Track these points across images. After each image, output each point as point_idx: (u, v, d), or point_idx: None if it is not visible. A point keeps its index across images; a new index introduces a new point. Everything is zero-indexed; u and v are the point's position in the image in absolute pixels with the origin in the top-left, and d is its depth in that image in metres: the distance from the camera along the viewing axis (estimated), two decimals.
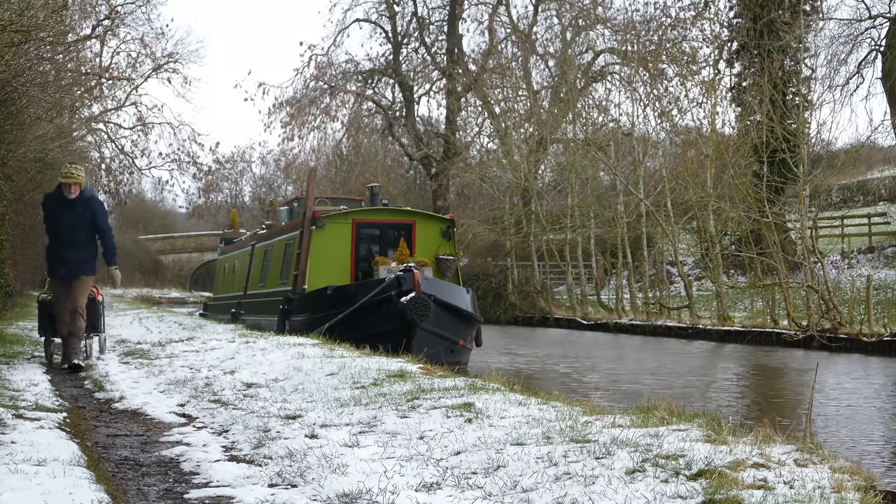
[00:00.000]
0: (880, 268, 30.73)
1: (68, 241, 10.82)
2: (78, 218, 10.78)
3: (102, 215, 11.01)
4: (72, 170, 10.92)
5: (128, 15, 37.55)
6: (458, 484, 4.41)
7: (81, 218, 10.79)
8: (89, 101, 33.64)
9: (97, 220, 10.87)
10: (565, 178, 36.55)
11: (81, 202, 10.79)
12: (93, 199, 10.98)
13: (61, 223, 10.81)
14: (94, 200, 10.98)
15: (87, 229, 10.84)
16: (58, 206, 10.87)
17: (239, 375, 9.27)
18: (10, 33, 10.94)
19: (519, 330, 31.89)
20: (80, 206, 10.77)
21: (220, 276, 30.72)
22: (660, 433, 4.93)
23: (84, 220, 10.78)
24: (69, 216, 10.78)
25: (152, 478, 4.91)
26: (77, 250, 10.83)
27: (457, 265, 18.98)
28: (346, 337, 14.11)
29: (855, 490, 3.91)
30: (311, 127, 44.96)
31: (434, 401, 6.57)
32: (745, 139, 26.87)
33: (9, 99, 13.19)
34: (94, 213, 10.87)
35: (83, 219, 10.79)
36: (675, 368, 16.87)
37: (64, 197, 10.79)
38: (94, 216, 10.85)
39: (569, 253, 35.75)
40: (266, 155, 69.67)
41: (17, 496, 4.05)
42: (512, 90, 40.55)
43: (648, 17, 34.70)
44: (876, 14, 30.75)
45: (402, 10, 46.10)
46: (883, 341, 18.66)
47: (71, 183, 10.77)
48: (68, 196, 10.73)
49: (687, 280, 28.81)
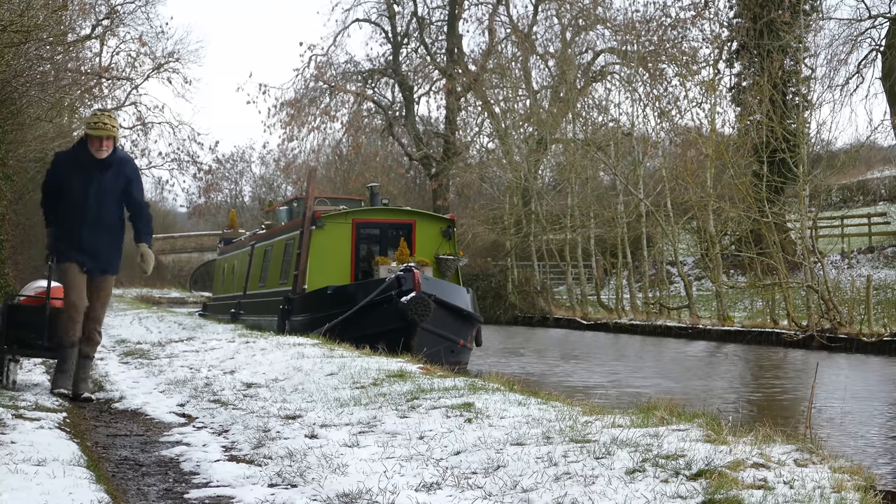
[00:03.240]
0: (880, 268, 30.73)
1: (91, 220, 7.82)
2: (107, 187, 7.83)
3: (139, 185, 8.10)
4: (103, 118, 7.81)
5: (127, 15, 37.53)
6: (458, 484, 4.41)
7: (112, 188, 7.85)
8: (89, 101, 33.59)
9: (132, 192, 7.94)
10: (565, 178, 36.55)
11: (113, 165, 7.85)
12: (127, 163, 8.05)
13: (83, 194, 7.79)
14: (128, 164, 8.06)
15: (118, 204, 7.95)
16: (77, 169, 7.82)
17: (239, 375, 9.27)
18: (10, 33, 10.93)
19: (519, 330, 31.88)
20: (111, 171, 7.83)
21: (220, 276, 30.72)
22: (660, 433, 4.93)
23: (115, 191, 7.87)
24: (95, 184, 7.80)
25: (152, 478, 4.91)
26: (103, 235, 7.88)
27: (457, 265, 18.99)
28: (345, 337, 14.11)
29: (855, 490, 3.91)
30: (311, 127, 44.95)
31: (434, 401, 6.57)
32: (744, 139, 26.87)
33: (9, 99, 13.19)
34: (129, 181, 7.93)
35: (114, 189, 7.86)
36: (675, 368, 16.87)
37: (88, 157, 7.79)
38: (129, 186, 7.92)
39: (569, 253, 35.75)
40: (266, 155, 69.68)
41: (16, 496, 4.05)
42: (512, 90, 40.55)
43: (648, 17, 34.68)
44: (876, 14, 30.75)
45: (402, 11, 46.11)
46: (883, 341, 18.66)
47: (102, 136, 7.72)
48: (96, 155, 7.76)
49: (687, 280, 28.81)
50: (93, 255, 7.84)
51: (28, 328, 8.06)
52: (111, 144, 7.80)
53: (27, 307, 8.18)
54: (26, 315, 8.09)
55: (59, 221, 7.95)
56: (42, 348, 8.11)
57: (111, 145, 7.80)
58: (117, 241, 8.00)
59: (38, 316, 8.01)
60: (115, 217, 7.94)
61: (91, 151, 7.77)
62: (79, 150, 7.92)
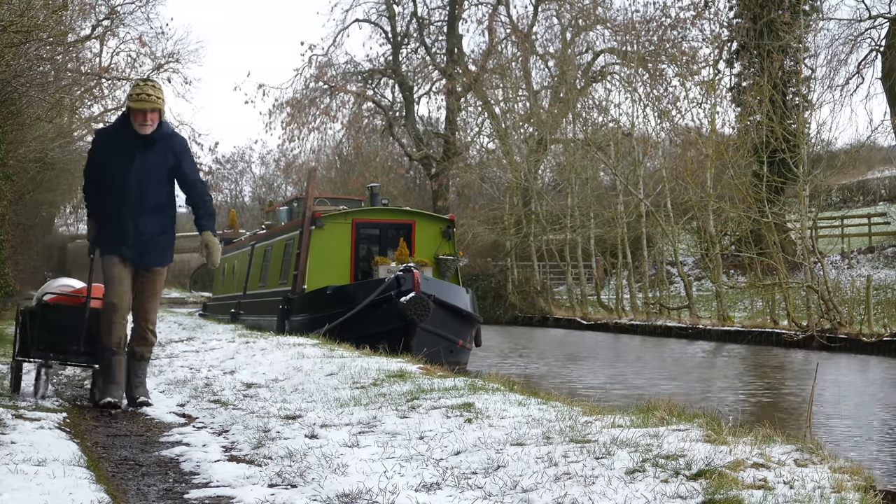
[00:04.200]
0: (880, 268, 30.73)
1: (134, 205, 6.99)
2: (152, 167, 7.00)
3: (190, 162, 7.24)
4: (147, 88, 6.96)
5: (127, 15, 37.53)
6: (458, 484, 4.41)
7: (157, 167, 7.02)
8: (89, 101, 33.62)
9: (183, 170, 7.11)
10: (565, 178, 36.56)
11: (159, 141, 7.02)
12: (174, 138, 7.18)
13: (124, 176, 6.98)
14: (176, 139, 7.19)
15: (165, 186, 7.09)
16: (118, 147, 7.03)
17: (239, 375, 9.27)
18: (10, 33, 10.93)
19: (519, 330, 31.88)
20: (156, 148, 7.01)
21: (220, 277, 30.72)
22: (660, 433, 4.93)
23: (161, 171, 7.03)
24: (137, 164, 6.97)
25: (152, 478, 4.91)
26: (148, 221, 7.05)
27: (456, 265, 18.99)
28: (345, 337, 14.12)
29: (855, 490, 3.91)
30: (312, 127, 44.96)
31: (434, 401, 6.57)
32: (744, 139, 26.88)
33: (9, 99, 13.19)
34: (178, 158, 7.10)
35: (160, 169, 7.03)
36: (675, 369, 16.87)
37: (131, 133, 6.97)
38: (179, 164, 7.09)
39: (569, 253, 35.77)
40: (266, 155, 69.65)
41: (16, 496, 4.05)
42: (512, 90, 40.56)
43: (648, 17, 34.70)
44: (876, 14, 30.76)
45: (402, 11, 46.12)
46: (883, 341, 18.66)
47: (147, 109, 6.90)
48: (140, 130, 6.94)
49: (687, 280, 28.82)
50: (138, 246, 7.01)
51: (61, 332, 7.18)
52: (156, 118, 6.95)
53: (60, 307, 7.33)
54: (59, 316, 7.24)
55: (100, 209, 7.14)
56: (79, 354, 7.23)
57: (156, 119, 6.95)
58: (166, 228, 7.13)
59: (73, 317, 7.20)
60: (161, 200, 7.07)
61: (134, 127, 6.92)
62: (120, 126, 7.07)
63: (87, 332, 7.15)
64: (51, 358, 7.23)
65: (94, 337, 7.14)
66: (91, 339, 7.14)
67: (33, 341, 7.24)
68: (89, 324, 7.14)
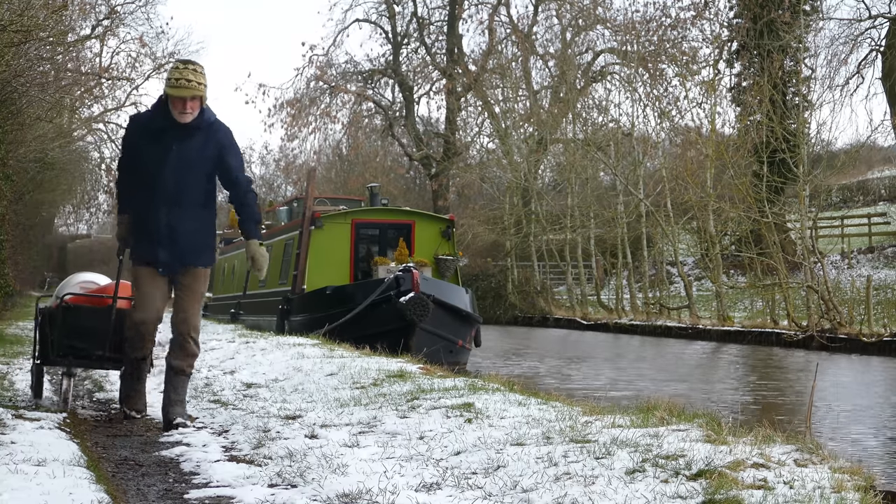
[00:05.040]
0: (880, 268, 30.73)
1: (170, 201, 6.26)
2: (191, 160, 6.27)
3: (236, 155, 6.41)
4: (187, 73, 6.16)
5: (127, 15, 37.53)
6: (458, 484, 4.41)
7: (198, 160, 6.28)
8: (89, 101, 33.61)
9: (226, 163, 6.33)
10: (565, 178, 36.57)
11: (201, 130, 6.27)
12: (219, 127, 6.37)
13: (160, 168, 6.25)
14: (220, 129, 6.37)
15: (205, 181, 6.37)
16: (154, 136, 6.29)
17: (239, 375, 9.27)
18: (10, 33, 10.93)
19: (519, 330, 31.89)
20: (197, 138, 6.27)
21: (220, 276, 30.72)
22: (660, 433, 4.93)
23: (202, 165, 6.30)
24: (175, 156, 6.24)
25: (152, 478, 4.91)
26: (186, 219, 6.31)
27: (456, 265, 19.00)
28: (344, 337, 14.13)
29: (855, 490, 3.91)
30: (312, 127, 44.97)
31: (434, 401, 6.57)
32: (744, 139, 26.88)
33: (9, 99, 13.20)
34: (222, 150, 6.32)
35: (201, 162, 6.29)
36: (675, 369, 16.87)
37: (169, 120, 6.25)
38: (222, 157, 6.32)
39: (569, 253, 35.77)
40: (266, 155, 69.65)
41: (16, 496, 4.05)
42: (512, 90, 40.56)
43: (648, 17, 34.69)
44: (876, 14, 30.75)
45: (402, 11, 46.12)
46: (883, 341, 18.66)
47: (186, 97, 6.15)
48: (179, 119, 6.20)
49: (687, 280, 28.82)
50: (173, 247, 6.28)
51: (85, 336, 6.64)
52: (197, 106, 6.20)
53: (82, 309, 6.75)
54: (82, 319, 6.68)
55: (132, 206, 6.42)
56: (104, 360, 6.73)
57: (197, 107, 6.20)
58: (206, 226, 6.39)
59: (98, 320, 6.63)
60: (200, 197, 6.33)
61: (173, 115, 6.20)
62: (157, 111, 6.32)
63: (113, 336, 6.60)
64: (73, 364, 6.73)
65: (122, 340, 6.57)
66: (119, 343, 6.57)
67: (53, 346, 6.71)
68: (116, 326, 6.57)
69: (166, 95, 6.23)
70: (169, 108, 6.23)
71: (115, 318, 6.60)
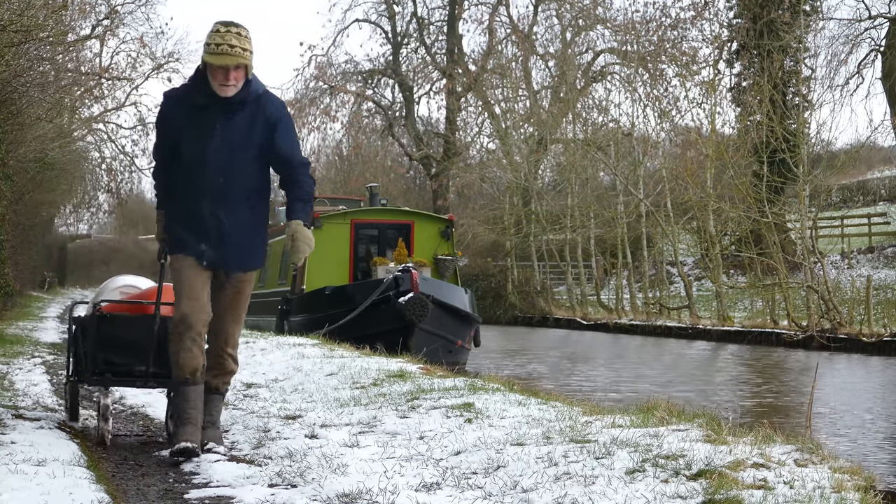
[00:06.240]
0: (880, 268, 30.73)
1: (214, 190, 5.28)
2: (238, 140, 5.27)
3: (289, 133, 5.39)
4: (229, 37, 5.16)
5: (127, 15, 37.51)
6: (458, 484, 4.41)
7: (245, 140, 5.28)
8: (89, 101, 33.65)
9: (278, 144, 5.31)
10: (565, 178, 36.57)
11: (247, 105, 5.27)
12: (269, 100, 5.37)
13: (201, 151, 5.26)
14: (270, 103, 5.37)
15: (257, 162, 5.35)
16: (193, 114, 5.29)
17: (238, 375, 9.23)
18: (10, 33, 10.93)
19: (519, 330, 31.89)
20: (243, 114, 5.28)
21: None
22: (660, 433, 4.93)
23: (250, 146, 5.29)
24: (218, 136, 5.26)
25: (152, 478, 4.91)
26: (235, 210, 5.33)
27: (455, 265, 19.00)
28: (343, 337, 14.12)
29: (855, 490, 3.91)
30: (312, 127, 44.97)
31: (434, 401, 6.56)
32: (745, 139, 26.89)
33: (9, 99, 13.19)
34: (273, 126, 5.31)
35: (248, 142, 5.28)
36: (675, 369, 16.87)
37: (209, 95, 5.24)
38: (272, 133, 5.30)
39: (569, 253, 35.77)
40: None
41: (16, 496, 4.05)
42: (512, 90, 40.57)
43: (648, 17, 34.71)
44: (876, 14, 30.74)
45: (402, 11, 46.13)
46: (883, 341, 18.67)
47: (229, 65, 5.15)
48: (221, 92, 5.20)
49: (687, 280, 28.82)
50: (218, 244, 5.28)
51: (123, 349, 5.78)
52: (242, 76, 5.20)
53: (120, 319, 5.88)
54: (119, 330, 5.81)
55: (171, 197, 5.43)
56: (148, 377, 5.85)
57: (242, 77, 5.21)
58: (257, 220, 5.43)
59: (138, 330, 5.75)
60: (251, 184, 5.36)
61: (213, 87, 5.20)
62: (194, 86, 5.30)
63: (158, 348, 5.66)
64: (112, 382, 5.91)
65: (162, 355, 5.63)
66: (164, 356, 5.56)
67: (88, 361, 5.85)
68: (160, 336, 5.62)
69: (205, 65, 5.19)
70: (209, 79, 5.22)
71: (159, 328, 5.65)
